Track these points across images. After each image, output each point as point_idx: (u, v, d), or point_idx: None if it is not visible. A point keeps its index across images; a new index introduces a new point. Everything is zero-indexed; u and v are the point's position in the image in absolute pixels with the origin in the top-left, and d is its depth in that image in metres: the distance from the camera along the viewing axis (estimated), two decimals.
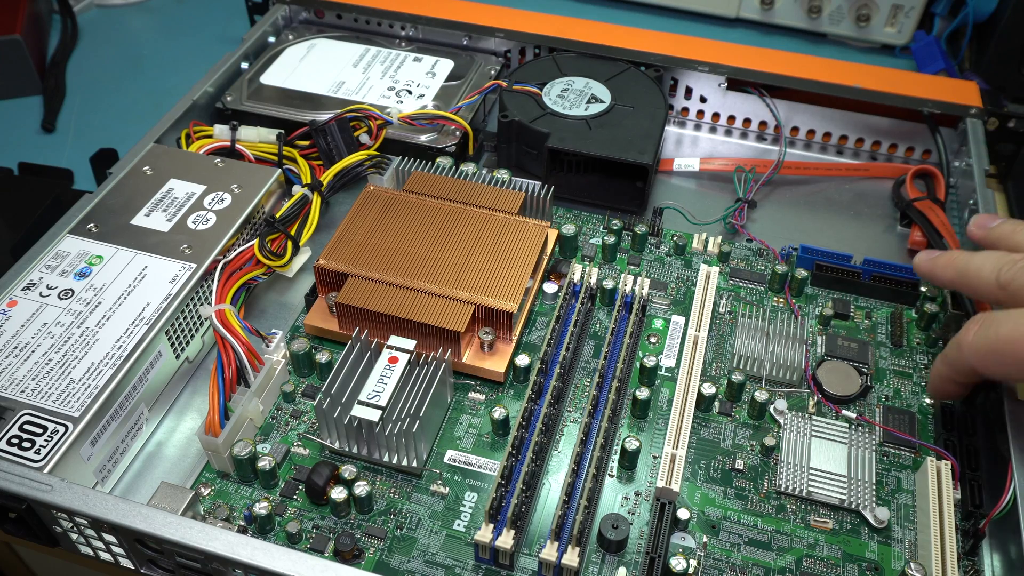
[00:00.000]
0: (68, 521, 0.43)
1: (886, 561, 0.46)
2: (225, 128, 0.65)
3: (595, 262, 0.62)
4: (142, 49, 0.94)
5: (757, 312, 0.58)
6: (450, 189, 0.60)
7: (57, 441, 0.44)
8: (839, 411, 0.52)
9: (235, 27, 0.95)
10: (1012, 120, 0.69)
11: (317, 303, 0.56)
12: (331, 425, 0.48)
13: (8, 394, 0.46)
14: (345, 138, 0.64)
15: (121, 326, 0.50)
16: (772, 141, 0.73)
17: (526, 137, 0.65)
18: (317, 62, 0.73)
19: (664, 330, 0.57)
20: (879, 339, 0.57)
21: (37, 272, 0.53)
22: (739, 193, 0.66)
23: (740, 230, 0.63)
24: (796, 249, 0.61)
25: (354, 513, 0.47)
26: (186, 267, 0.53)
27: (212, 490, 0.48)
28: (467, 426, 0.51)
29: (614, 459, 0.50)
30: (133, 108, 0.85)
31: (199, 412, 0.53)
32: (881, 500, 0.48)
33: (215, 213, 0.57)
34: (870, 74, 0.71)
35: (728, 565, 0.46)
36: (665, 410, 0.52)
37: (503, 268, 0.54)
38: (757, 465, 0.50)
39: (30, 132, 0.83)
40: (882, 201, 0.68)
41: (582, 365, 0.55)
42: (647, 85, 0.69)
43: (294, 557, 0.40)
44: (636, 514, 0.47)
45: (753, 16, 0.95)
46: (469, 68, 0.73)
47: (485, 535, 0.44)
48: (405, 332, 0.52)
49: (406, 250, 0.55)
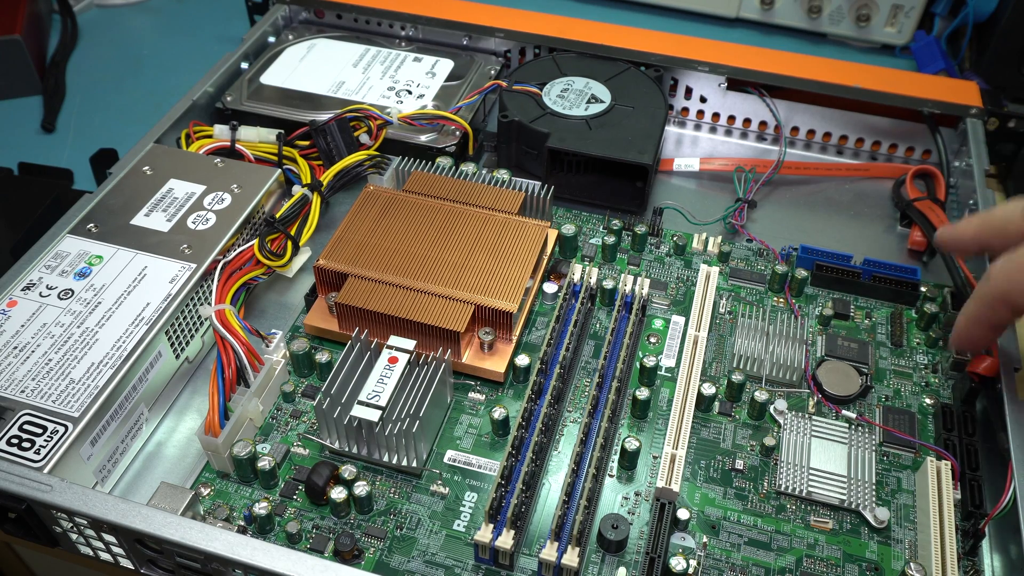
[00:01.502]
0: (68, 521, 0.43)
1: (886, 561, 0.46)
2: (225, 128, 0.65)
3: (595, 262, 0.62)
4: (142, 49, 0.94)
5: (757, 312, 0.58)
6: (450, 189, 0.60)
7: (57, 441, 0.44)
8: (839, 411, 0.52)
9: (235, 27, 0.95)
10: (1012, 120, 0.69)
11: (317, 303, 0.56)
12: (331, 425, 0.48)
13: (8, 394, 0.46)
14: (345, 138, 0.64)
15: (121, 326, 0.50)
16: (772, 141, 0.73)
17: (526, 137, 0.65)
18: (317, 62, 0.73)
19: (664, 330, 0.57)
20: (879, 339, 0.57)
21: (37, 272, 0.53)
22: (739, 193, 0.66)
23: (740, 230, 0.63)
24: (796, 249, 0.61)
25: (354, 513, 0.47)
26: (186, 267, 0.53)
27: (212, 490, 0.48)
28: (467, 426, 0.51)
29: (614, 459, 0.50)
30: (133, 108, 0.85)
31: (199, 412, 0.53)
32: (881, 500, 0.48)
33: (215, 213, 0.57)
34: (870, 74, 0.71)
35: (728, 565, 0.46)
36: (665, 410, 0.52)
37: (503, 268, 0.54)
38: (757, 465, 0.50)
39: (30, 132, 0.83)
40: (882, 201, 0.68)
41: (582, 365, 0.55)
42: (647, 85, 0.69)
43: (294, 557, 0.40)
44: (636, 514, 0.47)
45: (753, 16, 0.95)
46: (469, 68, 0.73)
47: (485, 535, 0.44)
48: (405, 332, 0.52)
49: (406, 250, 0.55)
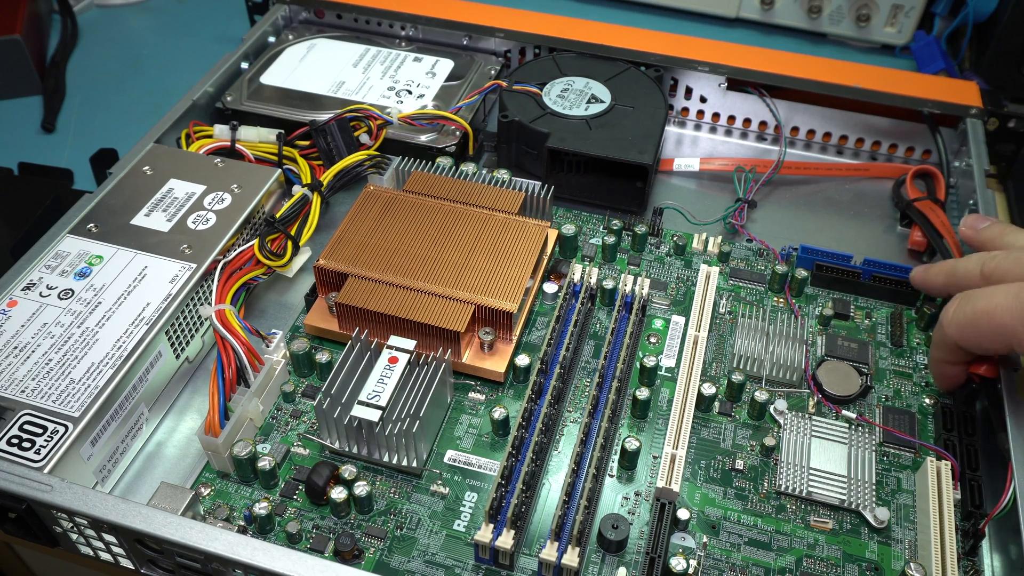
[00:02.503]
0: (68, 521, 0.43)
1: (886, 561, 0.46)
2: (225, 128, 0.65)
3: (595, 262, 0.62)
4: (142, 49, 0.94)
5: (757, 312, 0.58)
6: (450, 189, 0.60)
7: (57, 441, 0.44)
8: (839, 411, 0.52)
9: (235, 27, 0.95)
10: (1012, 120, 0.69)
11: (317, 303, 0.56)
12: (331, 425, 0.48)
13: (8, 394, 0.46)
14: (345, 138, 0.64)
15: (121, 326, 0.50)
16: (772, 141, 0.73)
17: (526, 137, 0.65)
18: (317, 62, 0.73)
19: (664, 330, 0.57)
20: (879, 339, 0.57)
21: (37, 272, 0.53)
22: (739, 193, 0.66)
23: (740, 230, 0.63)
24: (796, 249, 0.61)
25: (354, 513, 0.47)
26: (186, 267, 0.53)
27: (212, 490, 0.48)
28: (467, 426, 0.51)
29: (614, 459, 0.50)
30: (133, 108, 0.85)
31: (199, 412, 0.53)
32: (881, 500, 0.48)
33: (215, 213, 0.57)
34: (870, 74, 0.71)
35: (728, 565, 0.46)
36: (665, 410, 0.52)
37: (503, 268, 0.54)
38: (757, 465, 0.50)
39: (30, 132, 0.83)
40: (882, 201, 0.68)
41: (582, 365, 0.55)
42: (647, 85, 0.69)
43: (294, 557, 0.40)
44: (636, 514, 0.47)
45: (753, 16, 0.95)
46: (469, 68, 0.73)
47: (485, 535, 0.44)
48: (405, 332, 0.52)
49: (406, 250, 0.55)
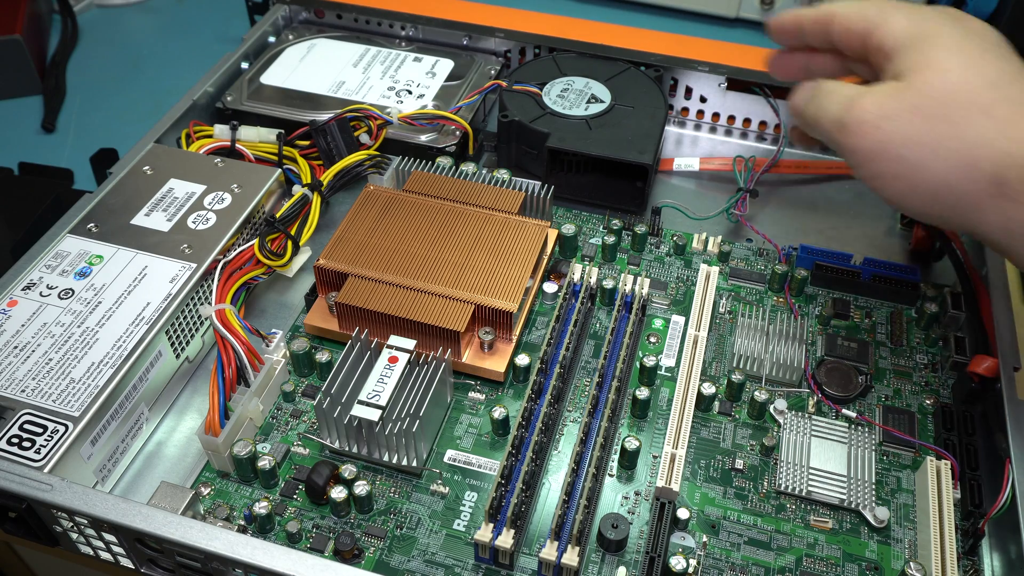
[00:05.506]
0: (68, 521, 0.43)
1: (886, 561, 0.46)
2: (225, 128, 0.65)
3: (595, 262, 0.62)
4: (142, 49, 0.94)
5: (757, 312, 0.58)
6: (450, 189, 0.60)
7: (57, 441, 0.44)
8: (839, 411, 0.52)
9: (235, 27, 0.95)
10: None
11: (317, 303, 0.56)
12: (331, 425, 0.48)
13: (8, 394, 0.46)
14: (345, 138, 0.64)
15: (121, 326, 0.50)
16: (772, 141, 0.73)
17: (526, 137, 0.65)
18: (317, 62, 0.73)
19: (664, 330, 0.57)
20: (879, 339, 0.57)
21: (37, 272, 0.53)
22: (740, 183, 0.65)
23: (743, 221, 0.63)
24: (796, 249, 0.61)
25: (354, 513, 0.47)
26: (186, 267, 0.53)
27: (212, 490, 0.48)
28: (467, 426, 0.51)
29: (614, 459, 0.50)
30: (133, 108, 0.86)
31: (199, 412, 0.53)
32: (881, 500, 0.48)
33: (215, 213, 0.57)
34: None
35: (728, 565, 0.46)
36: (665, 410, 0.52)
37: (503, 268, 0.54)
38: (757, 465, 0.50)
39: (30, 132, 0.83)
40: (882, 201, 0.68)
41: (582, 365, 0.55)
42: (647, 85, 0.69)
43: (294, 557, 0.40)
44: (636, 514, 0.47)
45: (753, 16, 0.95)
46: (469, 68, 0.73)
47: (485, 535, 0.44)
48: (405, 332, 0.52)
49: (406, 250, 0.55)
